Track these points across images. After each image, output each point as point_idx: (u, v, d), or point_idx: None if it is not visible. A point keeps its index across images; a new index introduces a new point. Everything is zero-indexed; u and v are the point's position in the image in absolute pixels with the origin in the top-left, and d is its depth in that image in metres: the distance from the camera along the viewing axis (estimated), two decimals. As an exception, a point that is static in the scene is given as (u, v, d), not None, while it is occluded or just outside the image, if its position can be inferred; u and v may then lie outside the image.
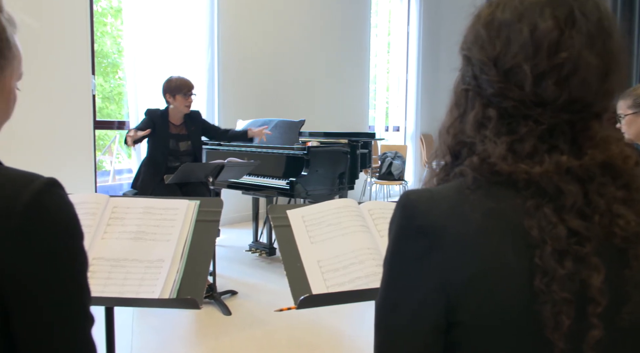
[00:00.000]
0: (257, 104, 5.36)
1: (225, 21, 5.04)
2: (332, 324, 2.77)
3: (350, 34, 6.47)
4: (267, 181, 3.76)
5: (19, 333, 0.61)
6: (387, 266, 0.65)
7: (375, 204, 1.57)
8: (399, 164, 5.79)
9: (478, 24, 0.65)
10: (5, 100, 0.71)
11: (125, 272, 1.38)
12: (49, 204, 0.61)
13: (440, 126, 0.71)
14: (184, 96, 3.29)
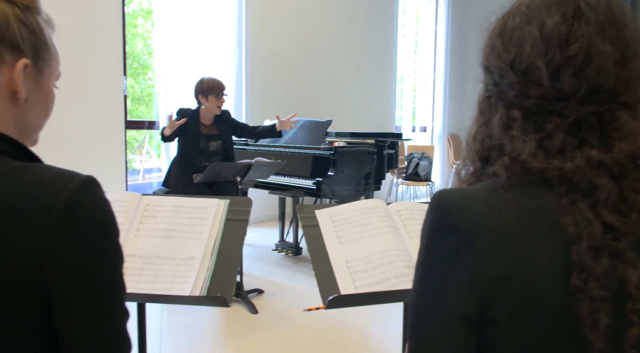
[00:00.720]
0: (284, 104, 5.39)
1: (253, 22, 5.08)
2: (358, 325, 2.76)
3: (377, 34, 6.45)
4: (293, 181, 3.78)
5: (58, 326, 0.62)
6: (421, 265, 0.65)
7: (403, 205, 1.56)
8: (425, 164, 5.74)
9: (493, 36, 0.68)
10: (44, 100, 0.73)
11: (157, 269, 1.41)
12: (87, 201, 0.63)
13: (467, 135, 0.73)
14: (216, 97, 3.33)
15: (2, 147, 0.64)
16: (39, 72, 0.70)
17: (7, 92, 0.66)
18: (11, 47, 0.65)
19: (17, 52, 0.66)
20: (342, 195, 3.72)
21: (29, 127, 0.72)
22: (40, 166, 0.65)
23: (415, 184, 5.85)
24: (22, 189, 0.60)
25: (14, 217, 0.59)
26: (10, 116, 0.68)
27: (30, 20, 0.67)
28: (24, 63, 0.66)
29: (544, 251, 0.59)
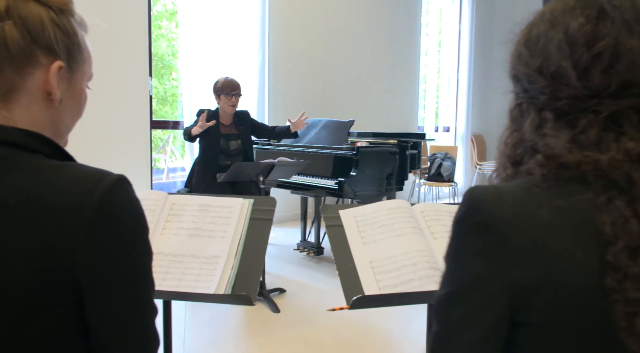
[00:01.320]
0: (307, 104, 5.40)
1: (276, 23, 5.11)
2: (380, 325, 2.75)
3: (400, 33, 6.41)
4: (315, 181, 3.79)
5: (89, 320, 0.64)
6: (450, 261, 0.65)
7: (428, 206, 1.55)
8: (448, 165, 5.69)
9: (518, 46, 0.69)
10: (77, 100, 0.74)
11: (182, 267, 1.42)
12: (119, 200, 0.64)
13: (498, 143, 0.72)
14: (227, 96, 3.38)
15: (37, 146, 0.66)
16: (72, 73, 0.71)
17: (42, 93, 0.68)
18: (46, 49, 0.67)
19: (51, 55, 0.67)
20: (364, 195, 3.71)
21: (63, 128, 0.74)
22: (73, 165, 0.66)
23: (438, 185, 5.80)
24: (57, 187, 0.62)
25: (49, 214, 0.60)
26: (45, 117, 0.69)
27: (64, 23, 0.68)
28: (58, 65, 0.68)
29: (579, 251, 0.57)
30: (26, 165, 0.63)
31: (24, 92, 0.67)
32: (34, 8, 0.65)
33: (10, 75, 0.65)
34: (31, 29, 0.65)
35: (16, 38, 0.64)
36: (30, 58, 0.66)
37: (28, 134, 0.66)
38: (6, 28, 0.63)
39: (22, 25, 0.64)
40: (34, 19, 0.65)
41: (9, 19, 0.63)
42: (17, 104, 0.67)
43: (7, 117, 0.66)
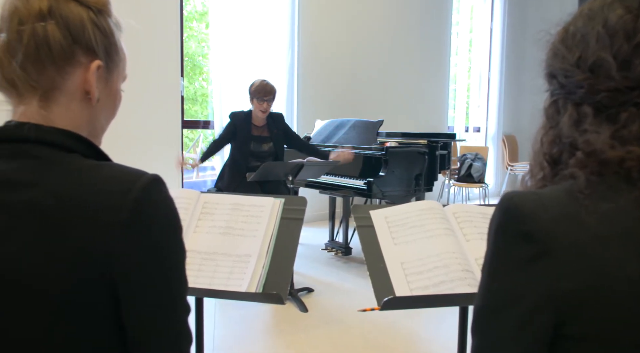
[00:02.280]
0: (335, 104, 5.40)
1: (305, 22, 5.13)
2: (409, 327, 2.73)
3: (430, 32, 6.35)
4: (344, 181, 3.78)
5: (125, 317, 0.65)
6: (488, 271, 0.62)
7: (460, 208, 1.53)
8: (479, 166, 5.60)
9: (555, 44, 0.67)
10: (112, 100, 0.76)
11: (214, 265, 1.44)
12: (154, 199, 0.65)
13: (532, 142, 0.70)
14: (259, 101, 3.37)
15: (74, 146, 0.67)
16: (109, 73, 0.73)
17: (81, 92, 0.69)
18: (86, 49, 0.68)
19: (91, 54, 0.69)
20: (393, 196, 3.69)
21: (99, 127, 0.75)
22: (109, 164, 0.67)
23: (467, 186, 5.71)
24: (94, 187, 0.63)
25: (86, 214, 0.61)
26: (83, 116, 0.71)
27: (102, 24, 0.70)
28: (97, 64, 0.69)
29: (628, 261, 0.54)
30: (63, 165, 0.64)
31: (63, 91, 0.68)
32: (75, 8, 0.67)
33: (52, 74, 0.66)
34: (72, 29, 0.66)
35: (58, 38, 0.65)
36: (70, 57, 0.67)
37: (65, 134, 0.67)
38: (49, 28, 0.64)
39: (63, 25, 0.66)
40: (74, 19, 0.66)
41: (52, 19, 0.65)
42: (57, 102, 0.68)
43: (45, 116, 0.67)
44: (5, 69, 0.65)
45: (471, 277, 1.33)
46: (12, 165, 0.64)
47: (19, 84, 0.66)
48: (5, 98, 0.69)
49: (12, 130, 0.66)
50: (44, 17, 0.64)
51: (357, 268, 3.79)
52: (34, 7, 0.64)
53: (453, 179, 5.73)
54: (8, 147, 0.65)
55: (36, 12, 0.64)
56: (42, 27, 0.64)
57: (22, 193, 0.62)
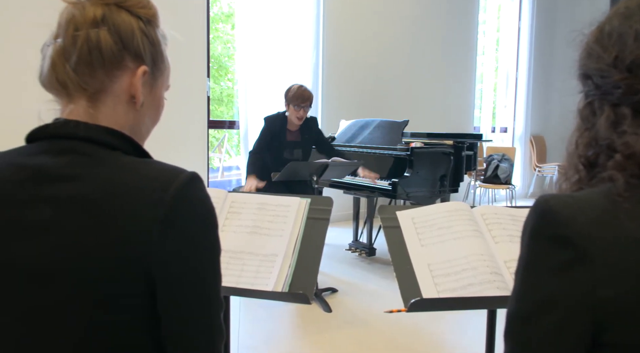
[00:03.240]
0: (360, 104, 5.39)
1: (330, 22, 5.13)
2: (433, 329, 2.70)
3: (456, 31, 6.28)
4: (368, 182, 3.77)
5: (161, 310, 0.67)
6: (522, 276, 0.61)
7: (489, 209, 1.51)
8: (506, 167, 5.50)
9: (589, 44, 0.65)
10: (155, 106, 0.80)
11: (241, 264, 1.46)
12: (192, 196, 0.67)
13: (567, 144, 0.68)
14: (295, 108, 3.35)
15: (118, 143, 0.70)
16: (154, 80, 0.77)
17: (127, 96, 0.73)
18: (134, 55, 0.72)
19: (138, 60, 0.73)
20: (417, 196, 3.66)
21: (143, 130, 0.79)
22: (150, 161, 0.70)
23: (494, 187, 5.63)
24: (135, 182, 0.66)
25: (128, 208, 0.64)
26: (127, 118, 0.74)
27: (150, 33, 0.75)
28: (143, 70, 0.73)
29: None
30: (107, 161, 0.67)
31: (111, 93, 0.72)
32: (126, 17, 0.72)
33: (101, 77, 0.70)
34: (122, 36, 0.71)
35: (109, 43, 0.70)
36: (120, 62, 0.71)
37: (110, 132, 0.70)
38: (101, 34, 0.69)
39: (115, 32, 0.70)
40: (125, 27, 0.71)
41: (104, 26, 0.70)
42: (104, 104, 0.72)
43: (92, 115, 0.71)
44: (59, 71, 0.69)
45: (500, 280, 1.31)
46: (59, 160, 0.67)
47: (70, 86, 0.70)
48: (54, 98, 0.73)
49: (61, 127, 0.69)
50: (97, 24, 0.69)
51: (381, 269, 3.77)
52: (89, 14, 0.69)
53: (479, 181, 5.65)
54: (56, 143, 0.69)
55: (90, 19, 0.69)
56: (95, 32, 0.69)
57: (68, 187, 0.65)
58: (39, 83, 0.72)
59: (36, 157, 0.68)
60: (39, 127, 0.71)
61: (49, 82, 0.71)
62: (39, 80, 0.72)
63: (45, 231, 0.64)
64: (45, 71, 0.71)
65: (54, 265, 0.64)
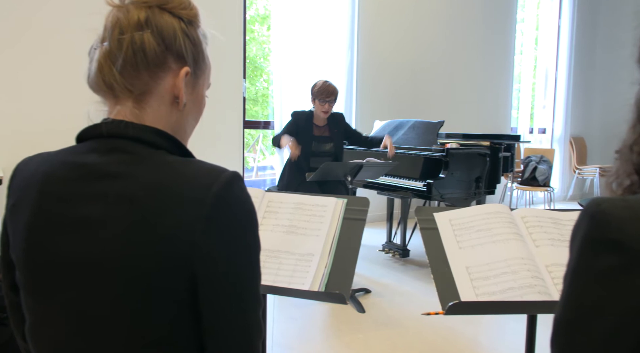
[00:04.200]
0: (395, 104, 5.35)
1: (365, 22, 5.12)
2: (468, 333, 2.66)
3: (493, 30, 6.16)
4: (403, 182, 3.74)
5: (202, 308, 0.68)
6: (571, 281, 0.59)
7: (529, 212, 1.48)
8: (544, 169, 5.37)
9: None
10: (197, 106, 0.81)
11: (278, 263, 1.47)
12: (234, 195, 0.68)
13: (621, 144, 0.64)
14: (320, 102, 3.39)
15: (162, 143, 0.72)
16: (196, 80, 0.78)
17: (170, 96, 0.75)
18: (177, 56, 0.74)
19: (181, 61, 0.74)
20: (452, 198, 3.62)
21: (187, 129, 0.80)
22: (193, 160, 0.72)
23: (532, 190, 5.49)
24: (179, 180, 0.67)
25: (172, 206, 0.65)
26: (171, 118, 0.76)
27: (192, 34, 0.76)
28: (186, 71, 0.75)
29: None
30: (152, 160, 0.69)
31: (155, 94, 0.74)
32: (169, 19, 0.73)
33: (146, 78, 0.72)
34: (165, 38, 0.72)
35: (153, 45, 0.71)
36: (163, 63, 0.73)
37: (155, 132, 0.72)
38: (145, 36, 0.71)
39: (158, 34, 0.72)
40: (168, 28, 0.72)
41: (148, 29, 0.71)
42: (149, 105, 0.74)
43: (138, 115, 0.73)
44: (106, 74, 0.71)
45: (541, 284, 1.28)
46: (107, 158, 0.70)
47: (117, 87, 0.72)
48: (101, 100, 0.75)
49: (109, 126, 0.72)
50: (141, 26, 0.71)
51: (415, 270, 3.74)
52: (133, 17, 0.71)
53: (516, 182, 5.53)
54: (104, 142, 0.71)
55: (135, 22, 0.71)
56: (140, 35, 0.71)
57: (115, 184, 0.67)
58: (87, 85, 0.75)
59: (86, 155, 0.71)
60: (88, 127, 0.74)
61: (97, 84, 0.73)
62: (87, 82, 0.75)
63: (95, 227, 0.66)
64: (93, 73, 0.73)
65: (102, 260, 0.66)
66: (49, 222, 0.70)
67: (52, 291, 0.70)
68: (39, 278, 0.71)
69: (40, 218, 0.70)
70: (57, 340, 0.71)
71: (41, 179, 0.72)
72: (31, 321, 0.74)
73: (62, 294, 0.69)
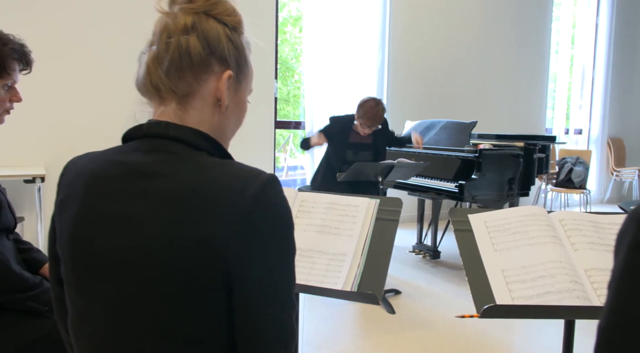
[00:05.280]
0: (426, 104, 5.30)
1: (396, 22, 5.09)
2: (501, 337, 2.62)
3: (528, 28, 6.03)
4: (434, 183, 3.71)
5: (236, 309, 0.69)
6: (618, 288, 0.58)
7: (568, 215, 1.45)
8: (580, 170, 5.23)
9: None
10: (239, 109, 0.82)
11: (311, 262, 1.48)
12: (271, 197, 0.68)
13: None
14: (362, 126, 3.35)
15: (202, 144, 0.74)
16: (238, 84, 0.80)
17: (213, 99, 0.77)
18: (220, 60, 0.76)
19: (224, 65, 0.76)
20: (484, 200, 3.56)
21: (228, 132, 0.82)
22: (231, 162, 0.73)
23: (567, 192, 5.35)
24: (216, 182, 0.68)
25: (210, 207, 0.66)
26: (213, 120, 0.77)
27: (236, 39, 0.78)
28: (228, 74, 0.77)
29: None
30: (192, 161, 0.71)
31: (198, 96, 0.76)
32: (214, 24, 0.75)
33: (190, 80, 0.74)
34: (210, 42, 0.75)
35: (198, 48, 0.74)
36: (207, 66, 0.75)
37: (195, 133, 0.74)
38: (191, 40, 0.73)
39: (203, 38, 0.74)
40: (213, 33, 0.75)
41: (194, 33, 0.74)
42: (192, 106, 0.76)
43: (181, 117, 0.75)
44: (153, 75, 0.74)
45: (580, 289, 1.25)
46: (150, 158, 0.72)
47: (162, 89, 0.74)
48: (147, 101, 0.78)
49: (153, 127, 0.74)
50: (187, 31, 0.73)
51: (446, 272, 3.70)
52: (181, 22, 0.74)
53: (550, 184, 5.40)
54: (148, 141, 0.74)
55: (182, 27, 0.74)
56: (186, 39, 0.73)
57: (158, 183, 0.69)
58: (135, 88, 0.77)
59: (130, 155, 0.73)
60: (133, 127, 0.76)
61: (144, 86, 0.75)
62: (135, 85, 0.77)
63: (135, 225, 0.68)
64: (141, 76, 0.75)
65: (140, 258, 0.67)
66: (92, 219, 0.72)
67: (93, 287, 0.72)
68: (81, 273, 0.73)
69: (84, 215, 0.73)
70: (96, 335, 0.72)
71: (88, 177, 0.75)
72: (73, 315, 0.76)
73: (102, 290, 0.71)
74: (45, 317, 1.33)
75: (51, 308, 1.32)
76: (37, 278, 1.34)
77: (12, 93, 1.34)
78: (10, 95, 1.34)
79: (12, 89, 1.34)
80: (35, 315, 1.32)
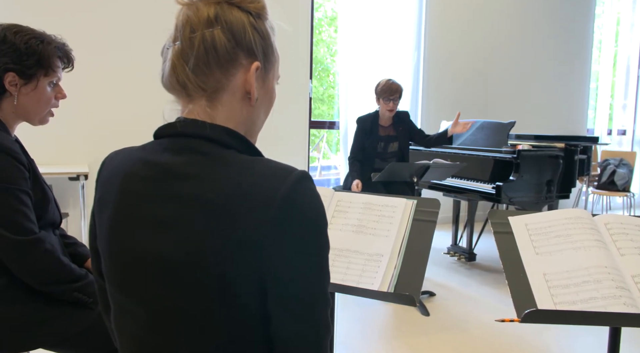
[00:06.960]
0: (462, 104, 5.22)
1: (432, 21, 5.03)
2: (537, 344, 2.55)
3: (569, 26, 5.85)
4: (470, 184, 3.65)
5: (271, 308, 0.68)
6: None
7: (614, 218, 1.40)
8: (624, 173, 5.04)
9: None
10: (268, 99, 0.80)
11: (347, 262, 1.48)
12: (303, 195, 0.67)
13: None
14: (385, 101, 3.37)
15: (232, 142, 0.72)
16: (266, 73, 0.77)
17: (242, 92, 0.74)
18: (247, 51, 0.73)
19: (251, 56, 0.74)
20: (522, 202, 3.48)
21: (258, 124, 0.80)
22: (262, 160, 0.71)
23: (609, 194, 5.17)
24: (248, 180, 0.67)
25: (242, 207, 0.65)
26: (243, 114, 0.76)
27: (261, 27, 0.74)
28: (256, 65, 0.74)
29: None
30: (223, 160, 0.69)
31: (227, 91, 0.73)
32: (237, 14, 0.72)
33: (218, 75, 0.72)
34: (235, 33, 0.72)
35: (223, 42, 0.71)
36: (234, 59, 0.72)
37: (226, 131, 0.72)
38: (215, 33, 0.70)
39: (228, 30, 0.71)
40: (237, 23, 0.72)
41: (218, 25, 0.71)
42: (221, 102, 0.74)
43: (210, 114, 0.73)
44: (180, 73, 0.71)
45: (627, 296, 1.21)
46: (180, 158, 0.71)
47: (190, 86, 0.72)
48: (175, 99, 0.76)
49: (183, 126, 0.73)
50: (211, 23, 0.70)
51: (481, 275, 3.63)
52: (203, 14, 0.70)
53: (592, 187, 5.23)
54: (178, 141, 0.72)
55: (205, 19, 0.70)
56: (210, 33, 0.70)
57: (189, 185, 0.68)
58: (162, 85, 0.75)
59: (160, 154, 0.72)
60: (165, 125, 0.75)
61: (170, 83, 0.73)
62: (161, 82, 0.74)
63: (169, 227, 0.68)
64: (167, 73, 0.73)
65: (174, 259, 0.67)
66: (128, 219, 0.72)
67: (130, 286, 0.72)
68: (118, 272, 0.74)
69: (120, 215, 0.73)
70: (135, 333, 0.73)
71: (122, 177, 0.74)
72: (114, 309, 0.77)
73: (138, 290, 0.71)
74: (90, 308, 1.38)
75: (96, 300, 1.36)
76: (83, 270, 1.39)
77: (57, 90, 1.40)
78: (56, 92, 1.40)
79: (56, 86, 1.40)
80: (81, 306, 1.37)
